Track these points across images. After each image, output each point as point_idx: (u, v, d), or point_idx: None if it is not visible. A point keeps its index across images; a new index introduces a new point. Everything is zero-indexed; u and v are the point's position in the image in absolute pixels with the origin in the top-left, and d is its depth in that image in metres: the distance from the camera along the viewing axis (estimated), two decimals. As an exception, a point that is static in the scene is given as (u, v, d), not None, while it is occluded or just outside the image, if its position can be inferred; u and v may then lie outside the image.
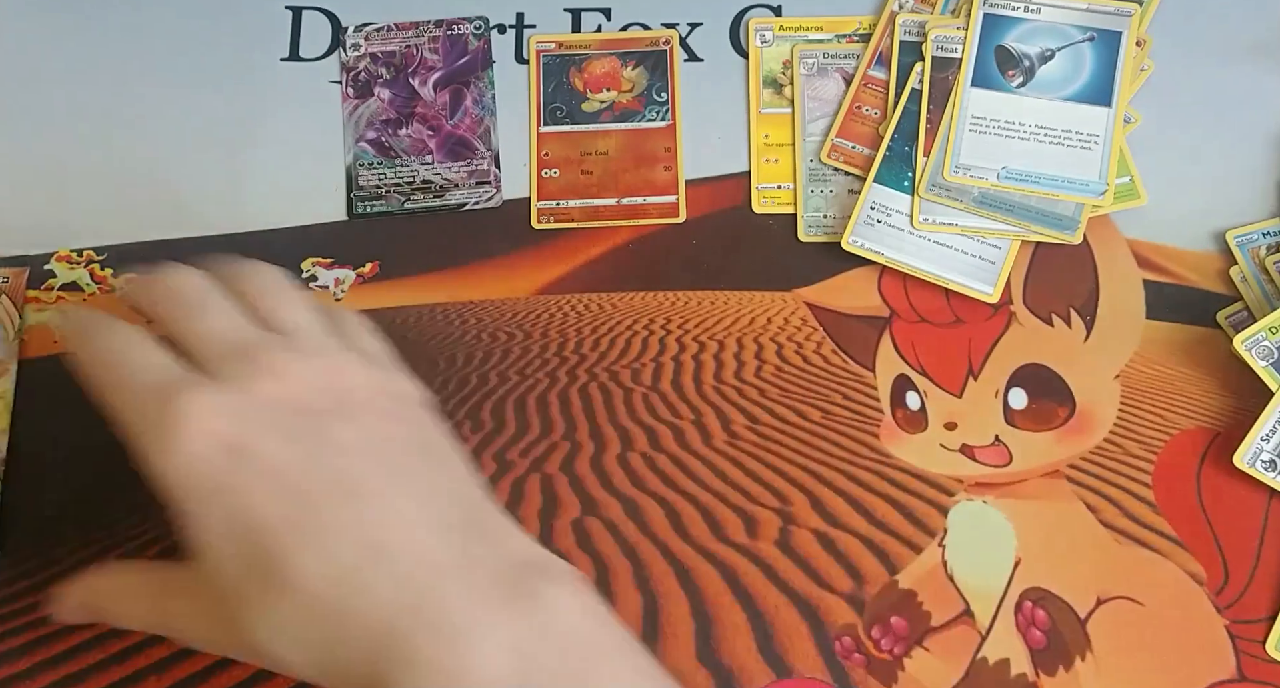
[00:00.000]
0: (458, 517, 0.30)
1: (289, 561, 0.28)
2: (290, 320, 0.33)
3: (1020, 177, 0.44)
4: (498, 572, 0.29)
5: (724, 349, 0.44)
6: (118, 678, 0.38)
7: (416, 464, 0.31)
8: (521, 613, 0.28)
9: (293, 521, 0.28)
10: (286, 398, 0.30)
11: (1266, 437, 0.41)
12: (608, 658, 0.28)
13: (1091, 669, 0.39)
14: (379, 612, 0.27)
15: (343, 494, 0.29)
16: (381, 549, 0.28)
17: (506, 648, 0.27)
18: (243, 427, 0.29)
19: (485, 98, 0.48)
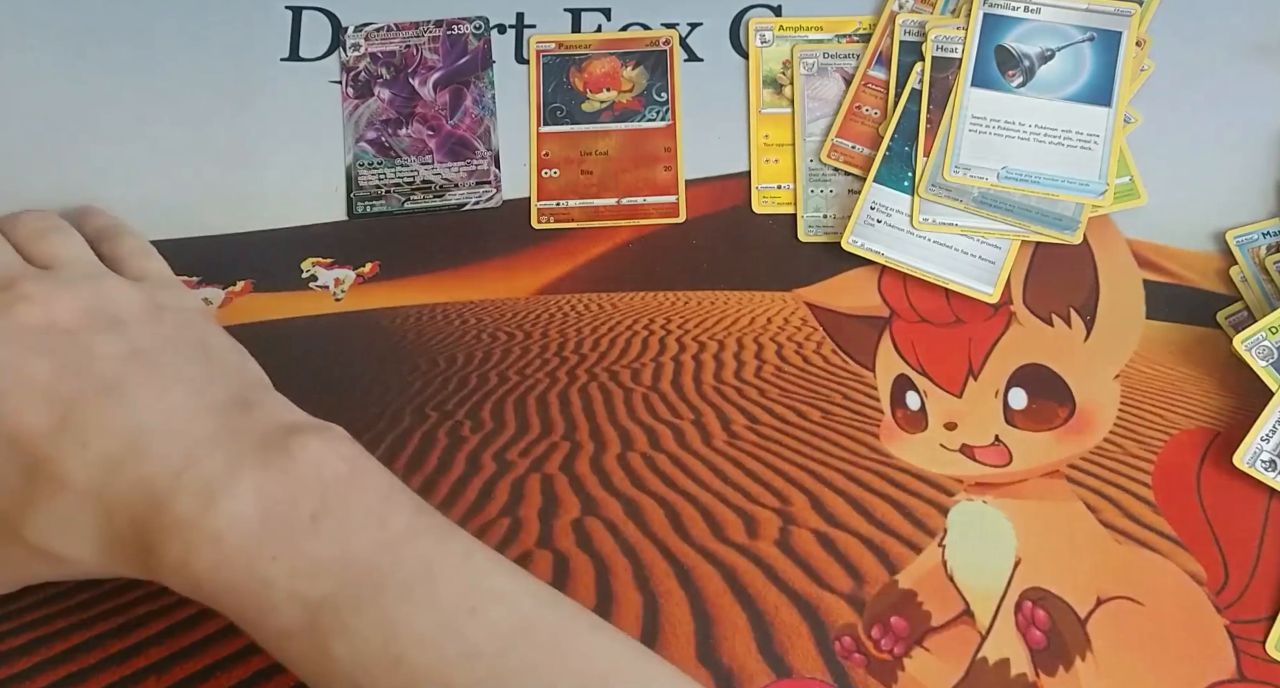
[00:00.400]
0: (223, 398, 0.32)
1: (56, 461, 0.30)
2: (55, 255, 0.35)
3: (1020, 176, 0.44)
4: (258, 436, 0.31)
5: (724, 349, 0.44)
6: (117, 678, 0.38)
7: (181, 360, 0.33)
8: (271, 464, 0.30)
9: (54, 423, 0.30)
10: (45, 322, 0.32)
11: (1266, 437, 0.41)
12: (351, 488, 0.30)
13: (1091, 669, 0.39)
14: (145, 490, 0.29)
15: (101, 393, 0.31)
16: (143, 434, 0.30)
17: (252, 494, 0.29)
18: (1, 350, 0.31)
19: (485, 98, 0.48)
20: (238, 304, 0.44)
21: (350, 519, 0.30)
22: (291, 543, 0.29)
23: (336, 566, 0.29)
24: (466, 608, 0.29)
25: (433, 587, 0.29)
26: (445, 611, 0.29)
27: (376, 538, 0.30)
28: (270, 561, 0.29)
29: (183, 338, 0.34)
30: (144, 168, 0.47)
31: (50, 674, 0.38)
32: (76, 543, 0.31)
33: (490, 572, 0.30)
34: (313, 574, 0.29)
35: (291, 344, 0.44)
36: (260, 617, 0.29)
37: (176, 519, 0.29)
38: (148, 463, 0.30)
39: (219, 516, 0.29)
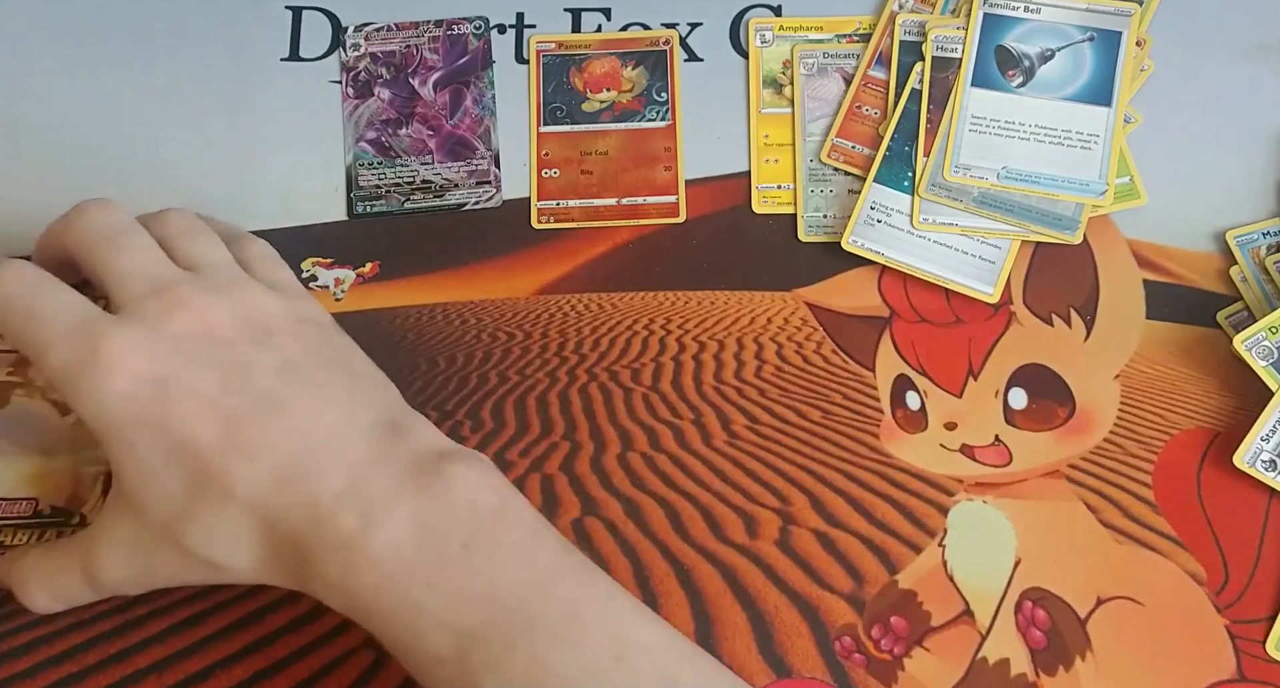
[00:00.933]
0: (374, 419, 0.33)
1: (223, 473, 0.31)
2: (203, 257, 0.35)
3: (1020, 177, 0.44)
4: (411, 461, 0.31)
5: (724, 349, 0.44)
6: (117, 678, 0.38)
7: (331, 378, 0.33)
8: (426, 490, 0.31)
9: (223, 437, 0.31)
10: (202, 330, 0.32)
11: (1266, 437, 0.41)
12: (501, 521, 0.31)
13: (1091, 669, 0.39)
14: (307, 507, 0.30)
15: (265, 409, 0.31)
16: (307, 453, 0.31)
17: (409, 520, 0.30)
18: (162, 361, 0.31)
19: (485, 98, 0.48)
20: (238, 304, 0.44)
21: (500, 553, 0.30)
22: (444, 572, 0.30)
23: (487, 600, 0.30)
24: (613, 656, 0.30)
25: (580, 631, 0.30)
26: (592, 656, 0.29)
27: (525, 576, 0.30)
28: (424, 587, 0.30)
29: (326, 353, 0.34)
30: (144, 168, 0.47)
31: (50, 674, 0.38)
32: (236, 553, 0.31)
33: (634, 620, 0.31)
34: (464, 606, 0.30)
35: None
36: (412, 642, 0.30)
37: (337, 539, 0.30)
38: (310, 481, 0.31)
39: (378, 539, 0.30)
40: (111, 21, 0.49)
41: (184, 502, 0.31)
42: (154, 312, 0.32)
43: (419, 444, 0.32)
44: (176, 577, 0.33)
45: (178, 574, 0.33)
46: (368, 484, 0.31)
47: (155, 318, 0.32)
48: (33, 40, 0.49)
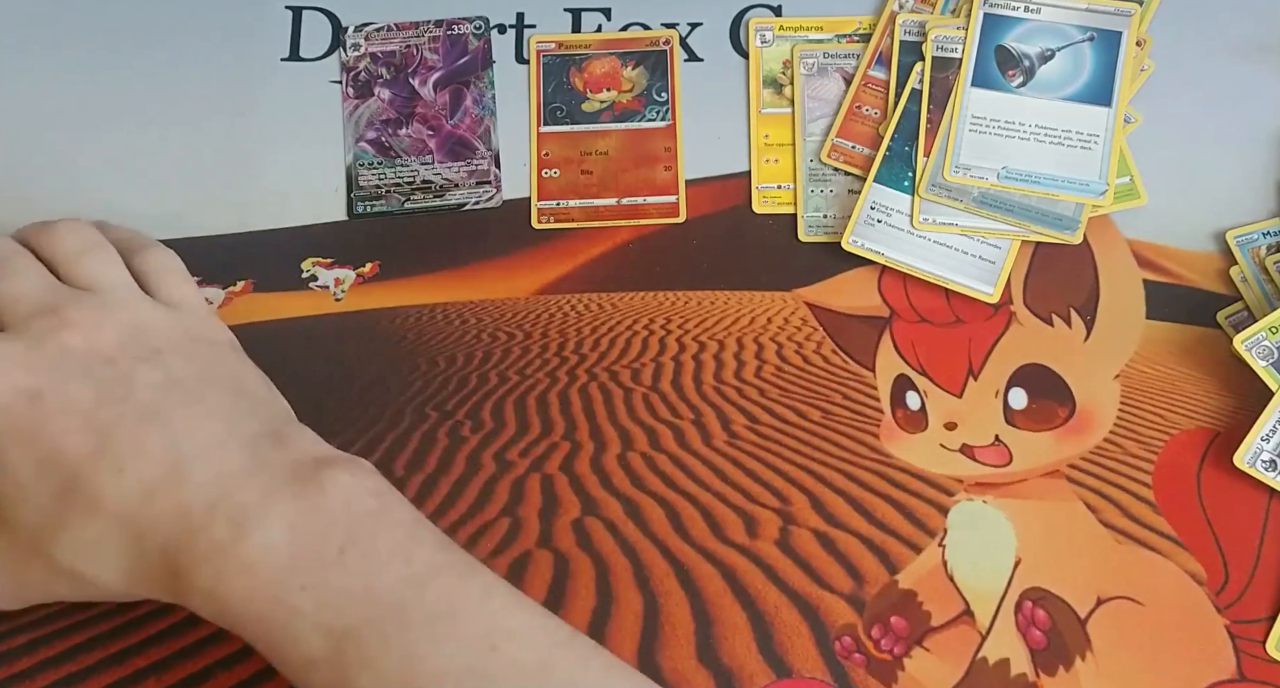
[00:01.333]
0: (255, 431, 0.33)
1: (95, 484, 0.30)
2: (95, 278, 0.35)
3: (1020, 177, 0.44)
4: (288, 468, 0.31)
5: (724, 349, 0.44)
6: (117, 678, 0.38)
7: (215, 394, 0.33)
8: (302, 496, 0.30)
9: (94, 449, 0.31)
10: (88, 348, 0.32)
11: (1266, 437, 0.41)
12: (378, 523, 0.31)
13: (1091, 669, 0.39)
14: (179, 516, 0.30)
15: (140, 420, 0.31)
16: (181, 464, 0.31)
17: (284, 525, 0.30)
18: (39, 374, 0.31)
19: (485, 98, 0.48)
20: (238, 304, 0.44)
21: (377, 553, 0.30)
22: (319, 574, 0.30)
23: (362, 598, 0.30)
24: (488, 646, 0.30)
25: (455, 623, 0.30)
26: (467, 647, 0.29)
27: (402, 573, 0.30)
28: (299, 590, 0.29)
29: (216, 371, 0.34)
30: (144, 168, 0.47)
31: (50, 674, 0.38)
32: (104, 565, 0.31)
33: (510, 610, 0.31)
34: (339, 606, 0.29)
35: (291, 344, 0.44)
36: (286, 645, 0.30)
37: (209, 547, 0.30)
38: (183, 491, 0.31)
39: (251, 545, 0.30)
40: (112, 21, 0.49)
41: (53, 514, 0.31)
42: (38, 330, 0.32)
43: (298, 452, 0.32)
44: (46, 591, 0.33)
45: (47, 588, 0.33)
46: (241, 492, 0.30)
47: (39, 335, 0.32)
48: (33, 40, 0.49)
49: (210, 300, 0.44)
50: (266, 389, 0.36)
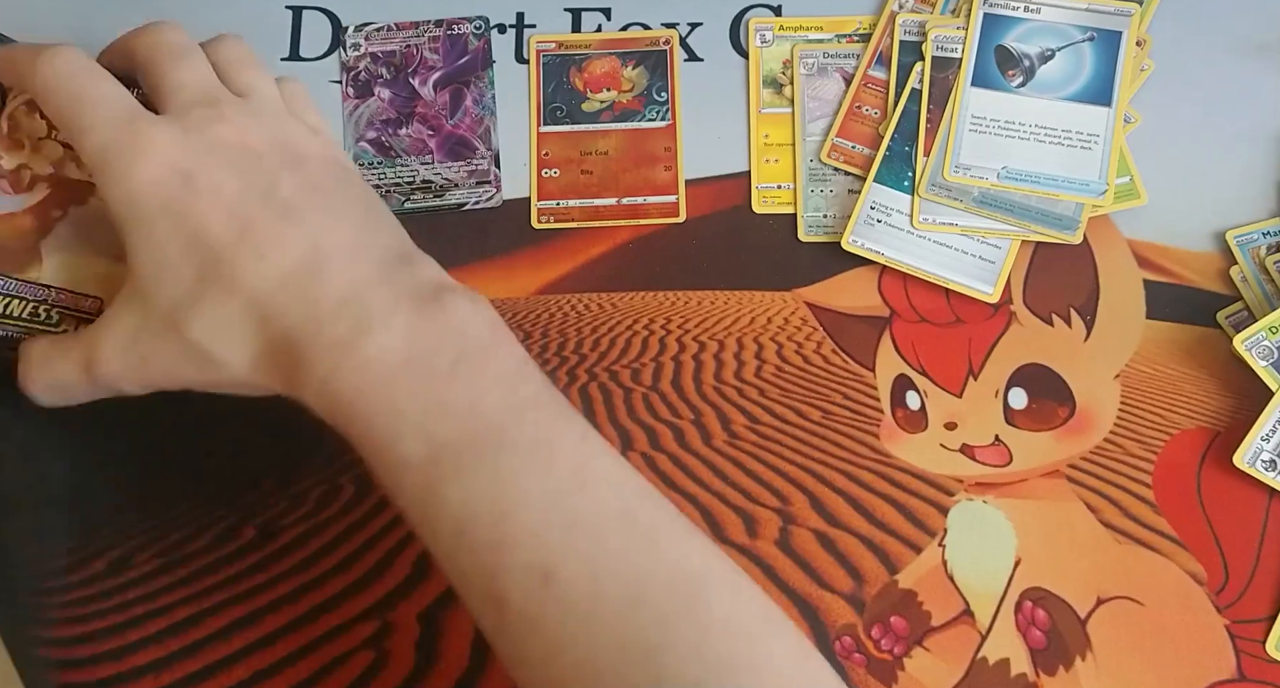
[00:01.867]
0: (385, 247, 0.34)
1: (235, 266, 0.32)
2: (252, 87, 0.37)
3: (1020, 176, 0.44)
4: (413, 286, 0.32)
5: (724, 349, 0.44)
6: (113, 673, 0.38)
7: (350, 207, 0.35)
8: (423, 311, 0.32)
9: (239, 234, 0.32)
10: (240, 144, 0.34)
11: (1266, 437, 0.41)
12: (491, 350, 0.32)
13: (1091, 669, 0.39)
14: (308, 308, 0.31)
15: (282, 216, 0.33)
16: (316, 261, 0.32)
17: (402, 332, 0.31)
18: (197, 159, 0.33)
19: (485, 98, 0.48)
20: (238, 304, 0.44)
21: (485, 377, 0.31)
22: (429, 384, 0.30)
23: (465, 414, 0.30)
24: (577, 484, 0.30)
25: (550, 457, 0.30)
26: (557, 481, 0.30)
27: (506, 400, 0.31)
28: (407, 395, 0.30)
29: (352, 189, 0.36)
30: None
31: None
32: (233, 347, 0.32)
33: (602, 456, 0.31)
34: (442, 417, 0.30)
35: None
36: (386, 445, 0.31)
37: (331, 340, 0.31)
38: (315, 284, 0.32)
39: (369, 344, 0.31)
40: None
41: (192, 291, 0.32)
42: (197, 119, 0.34)
43: (424, 273, 0.33)
44: (172, 371, 0.33)
45: (174, 368, 0.33)
46: (369, 296, 0.32)
47: (197, 123, 0.34)
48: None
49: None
50: (393, 217, 0.37)
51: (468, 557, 0.30)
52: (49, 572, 0.39)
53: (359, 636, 0.39)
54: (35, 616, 0.39)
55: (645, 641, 0.28)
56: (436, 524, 0.30)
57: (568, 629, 0.29)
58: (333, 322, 0.31)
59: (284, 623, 0.39)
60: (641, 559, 0.29)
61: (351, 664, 0.39)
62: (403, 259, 0.34)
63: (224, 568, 0.40)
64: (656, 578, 0.29)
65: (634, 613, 0.28)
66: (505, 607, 0.29)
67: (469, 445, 0.30)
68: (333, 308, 0.31)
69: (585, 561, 0.29)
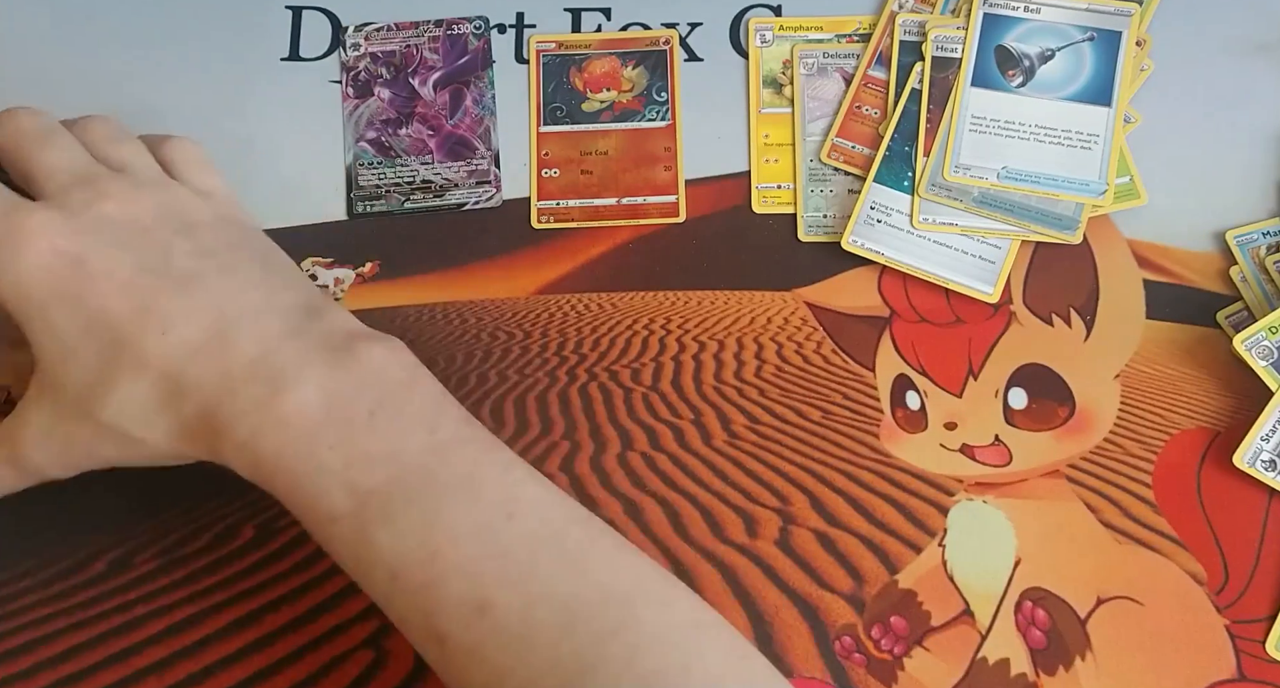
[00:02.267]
0: (291, 302, 0.34)
1: (140, 344, 0.32)
2: (128, 160, 0.36)
3: (1020, 176, 0.44)
4: (324, 338, 0.32)
5: (724, 349, 0.44)
6: (117, 678, 0.38)
7: (249, 266, 0.34)
8: (337, 363, 0.32)
9: (139, 311, 0.32)
10: (126, 218, 0.33)
11: (1266, 437, 0.41)
12: (407, 392, 0.32)
13: (1091, 669, 0.39)
14: (219, 376, 0.31)
15: (181, 286, 0.32)
16: (222, 327, 0.32)
17: (317, 387, 0.31)
18: (83, 240, 0.32)
19: (485, 98, 0.48)
20: (238, 304, 0.44)
21: (404, 420, 0.32)
22: (349, 435, 0.31)
23: (387, 461, 0.31)
24: (504, 514, 0.30)
25: (475, 491, 0.31)
26: (484, 513, 0.30)
27: (427, 441, 0.31)
28: (328, 449, 0.31)
29: (248, 247, 0.36)
30: (144, 168, 0.47)
31: (50, 674, 0.38)
32: (149, 424, 0.32)
33: (528, 484, 0.32)
34: (365, 466, 0.31)
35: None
36: (312, 500, 0.31)
37: (247, 404, 0.31)
38: (225, 353, 0.32)
39: (285, 403, 0.31)
40: (112, 22, 0.49)
41: (100, 374, 0.32)
42: (77, 200, 0.33)
43: (333, 324, 0.33)
44: (94, 453, 0.34)
45: (95, 450, 0.34)
46: (279, 355, 0.32)
47: (78, 205, 0.33)
48: (32, 40, 0.49)
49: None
50: (296, 269, 0.37)
51: (404, 598, 0.30)
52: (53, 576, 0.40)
53: (359, 635, 0.39)
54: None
55: (580, 662, 0.29)
56: (370, 570, 0.31)
57: (505, 659, 0.29)
58: (246, 385, 0.31)
59: (284, 623, 0.39)
60: (571, 583, 0.30)
61: (351, 664, 0.39)
62: (309, 312, 0.33)
63: (224, 568, 0.40)
64: (587, 600, 0.30)
65: (567, 637, 0.29)
66: (445, 642, 0.30)
67: (396, 490, 0.30)
68: (245, 371, 0.31)
69: (517, 589, 0.29)
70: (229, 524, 0.41)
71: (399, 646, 0.39)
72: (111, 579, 0.39)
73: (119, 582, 0.39)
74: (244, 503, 0.41)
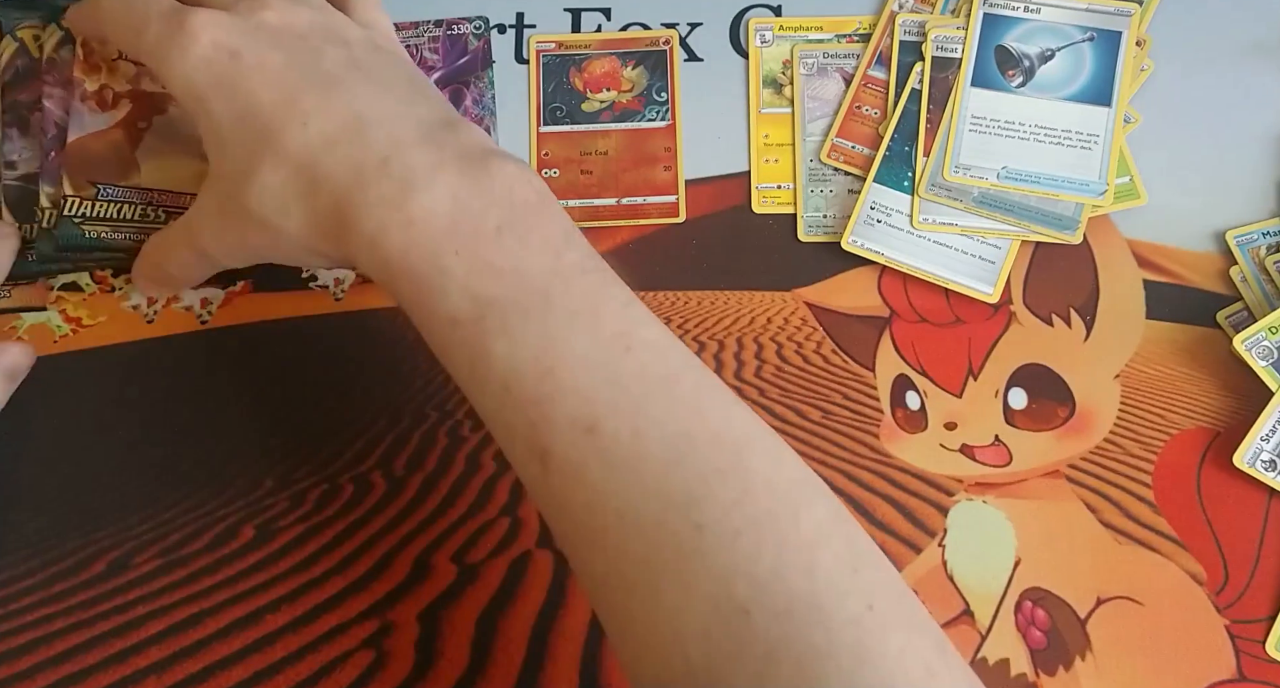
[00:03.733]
0: (429, 115, 0.34)
1: (282, 134, 0.33)
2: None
3: (1020, 177, 0.44)
4: (459, 149, 0.33)
5: (724, 349, 0.44)
6: (117, 678, 0.38)
7: (394, 79, 0.35)
8: (469, 174, 0.32)
9: (283, 104, 0.33)
10: (284, 25, 0.35)
11: (1266, 437, 0.41)
12: (536, 215, 0.32)
13: (1091, 669, 0.39)
14: (352, 169, 0.32)
15: (325, 85, 0.34)
16: (359, 124, 0.33)
17: (448, 193, 0.32)
18: (242, 39, 0.34)
19: (485, 98, 0.48)
20: (238, 304, 0.44)
21: (530, 241, 0.32)
22: (475, 245, 0.31)
23: (511, 276, 0.31)
24: (622, 346, 0.30)
25: (596, 319, 0.31)
26: (602, 342, 0.30)
27: (551, 264, 0.31)
28: (452, 254, 0.31)
29: (396, 66, 0.37)
30: (144, 168, 0.47)
31: (50, 674, 0.38)
32: (286, 213, 0.33)
33: (648, 323, 0.32)
34: (489, 276, 0.31)
35: (291, 344, 0.44)
36: (433, 301, 0.31)
37: (376, 200, 0.32)
38: (358, 147, 0.32)
39: (414, 204, 0.31)
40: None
41: (246, 162, 0.33)
42: (243, 7, 0.35)
43: (469, 139, 0.34)
44: (247, 242, 0.35)
45: (247, 238, 0.35)
46: (412, 157, 0.32)
47: (243, 10, 0.35)
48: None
49: (209, 300, 0.44)
50: (440, 94, 0.37)
51: (513, 410, 0.30)
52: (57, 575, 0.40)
53: (359, 636, 0.39)
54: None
55: (687, 494, 0.29)
56: (484, 380, 0.31)
57: (610, 480, 0.29)
58: (377, 181, 0.32)
59: (284, 623, 0.39)
60: (684, 421, 0.30)
61: (351, 664, 0.39)
62: (447, 125, 0.34)
63: (224, 568, 0.40)
64: (699, 439, 0.29)
65: (676, 468, 0.29)
66: (549, 458, 0.30)
67: (515, 305, 0.31)
68: (376, 168, 0.32)
69: (628, 417, 0.29)
70: (229, 524, 0.41)
71: (399, 646, 0.39)
72: (111, 579, 0.40)
73: (119, 582, 0.39)
74: (244, 503, 0.41)
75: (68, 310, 0.43)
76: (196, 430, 0.42)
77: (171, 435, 0.42)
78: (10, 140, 0.42)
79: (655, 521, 0.28)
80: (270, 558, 0.40)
